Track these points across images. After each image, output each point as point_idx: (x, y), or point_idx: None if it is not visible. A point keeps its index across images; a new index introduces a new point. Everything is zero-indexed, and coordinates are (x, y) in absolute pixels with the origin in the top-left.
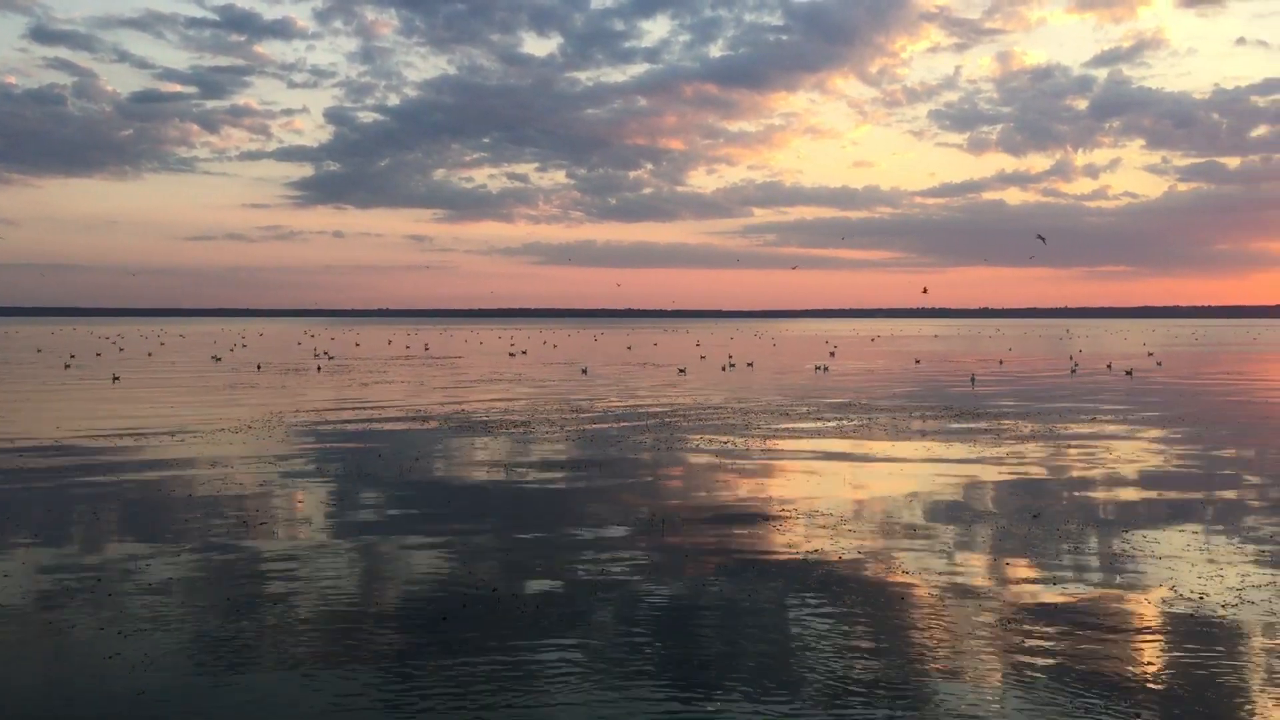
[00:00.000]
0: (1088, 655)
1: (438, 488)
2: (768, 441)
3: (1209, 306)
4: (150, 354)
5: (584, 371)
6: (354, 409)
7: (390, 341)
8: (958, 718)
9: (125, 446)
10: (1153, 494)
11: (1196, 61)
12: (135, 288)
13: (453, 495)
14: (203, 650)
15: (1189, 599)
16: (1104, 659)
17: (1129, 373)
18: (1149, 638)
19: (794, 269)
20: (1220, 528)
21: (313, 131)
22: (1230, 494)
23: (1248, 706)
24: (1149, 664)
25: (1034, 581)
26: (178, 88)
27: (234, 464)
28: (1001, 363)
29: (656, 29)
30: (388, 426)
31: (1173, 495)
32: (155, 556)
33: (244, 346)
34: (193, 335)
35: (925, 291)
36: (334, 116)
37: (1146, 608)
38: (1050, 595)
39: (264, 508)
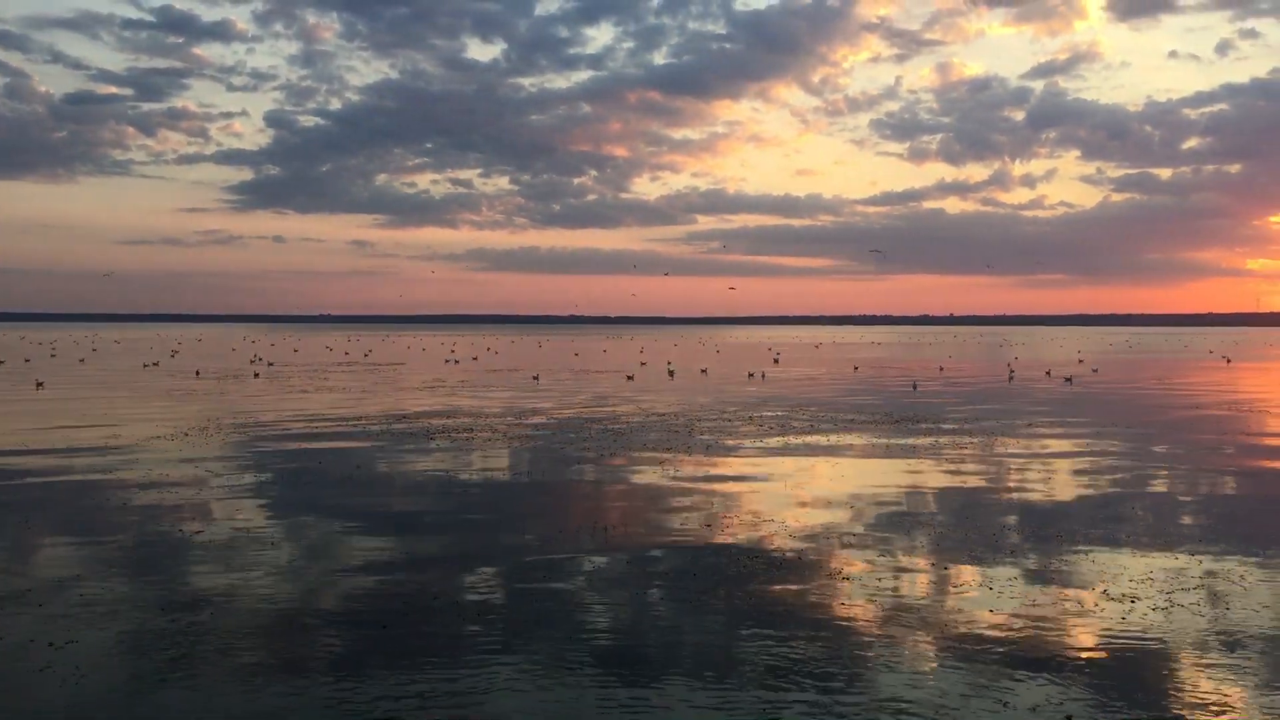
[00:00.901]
0: (1023, 656)
1: (378, 496)
2: (709, 448)
3: (1141, 315)
4: (82, 360)
5: (535, 379)
6: (293, 417)
7: (329, 348)
8: (895, 715)
9: (53, 454)
10: (1088, 498)
11: (1130, 74)
12: (69, 293)
13: (393, 504)
14: (137, 663)
15: (1121, 601)
16: (1039, 660)
17: (1069, 380)
18: (1082, 639)
19: (666, 275)
20: (1152, 532)
21: (252, 135)
22: (1162, 499)
23: (1176, 705)
24: (1081, 662)
25: (971, 584)
26: (113, 89)
27: (169, 473)
28: (941, 369)
29: (601, 36)
30: (327, 434)
31: (1107, 500)
32: (88, 567)
33: (176, 354)
34: (128, 341)
35: (732, 289)
36: (274, 120)
37: (1079, 608)
38: (987, 597)
39: (200, 517)
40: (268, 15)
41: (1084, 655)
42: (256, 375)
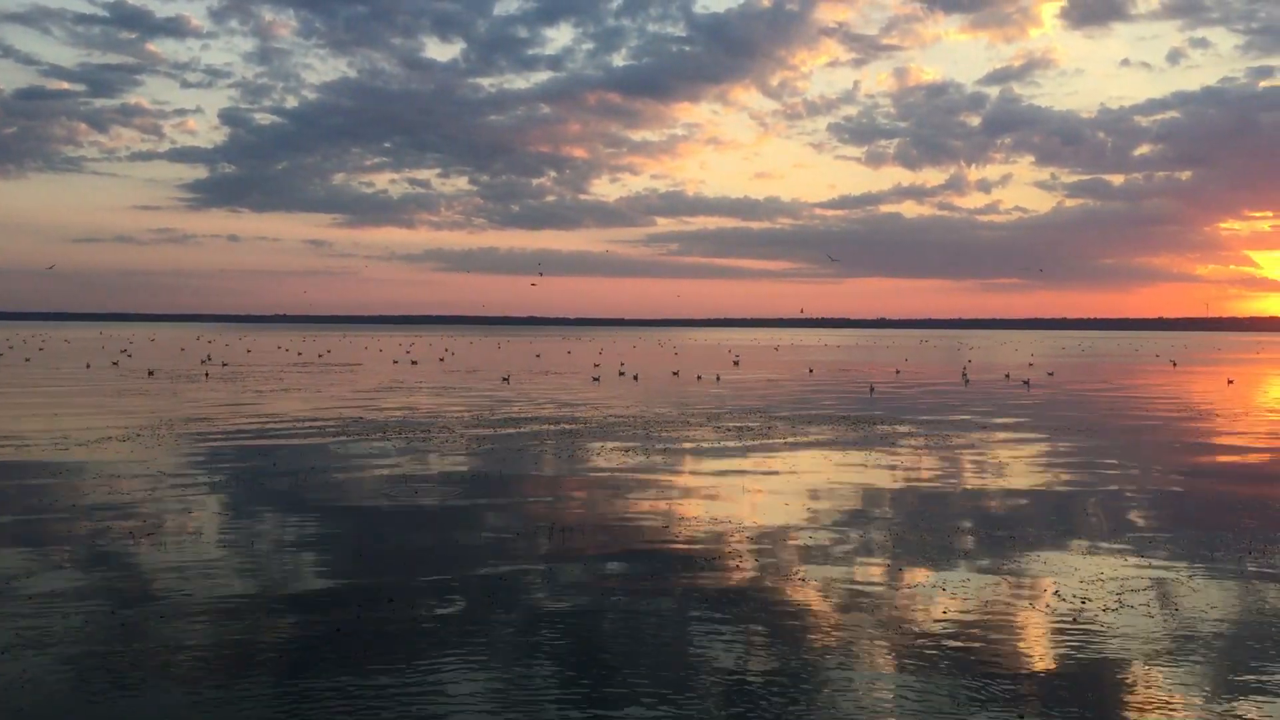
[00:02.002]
0: (976, 657)
1: (333, 498)
2: (668, 451)
3: (1094, 319)
4: (28, 359)
5: (505, 379)
6: (248, 417)
7: (285, 349)
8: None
9: None
10: (1040, 501)
11: (1083, 81)
12: (18, 291)
13: (349, 505)
14: (86, 667)
15: (1072, 602)
16: (991, 660)
17: (1026, 383)
18: (1034, 640)
19: (537, 277)
20: (1103, 533)
21: (207, 133)
22: (1113, 501)
23: (1126, 704)
24: (1034, 665)
25: (925, 586)
26: (65, 85)
27: (119, 474)
28: (898, 372)
29: (560, 37)
30: (282, 435)
31: (1059, 502)
32: (36, 570)
33: (128, 354)
34: (79, 340)
35: (534, 284)
36: (229, 118)
37: (1032, 611)
38: (940, 599)
39: (152, 519)
40: (223, 11)
41: (1036, 656)
42: (207, 375)
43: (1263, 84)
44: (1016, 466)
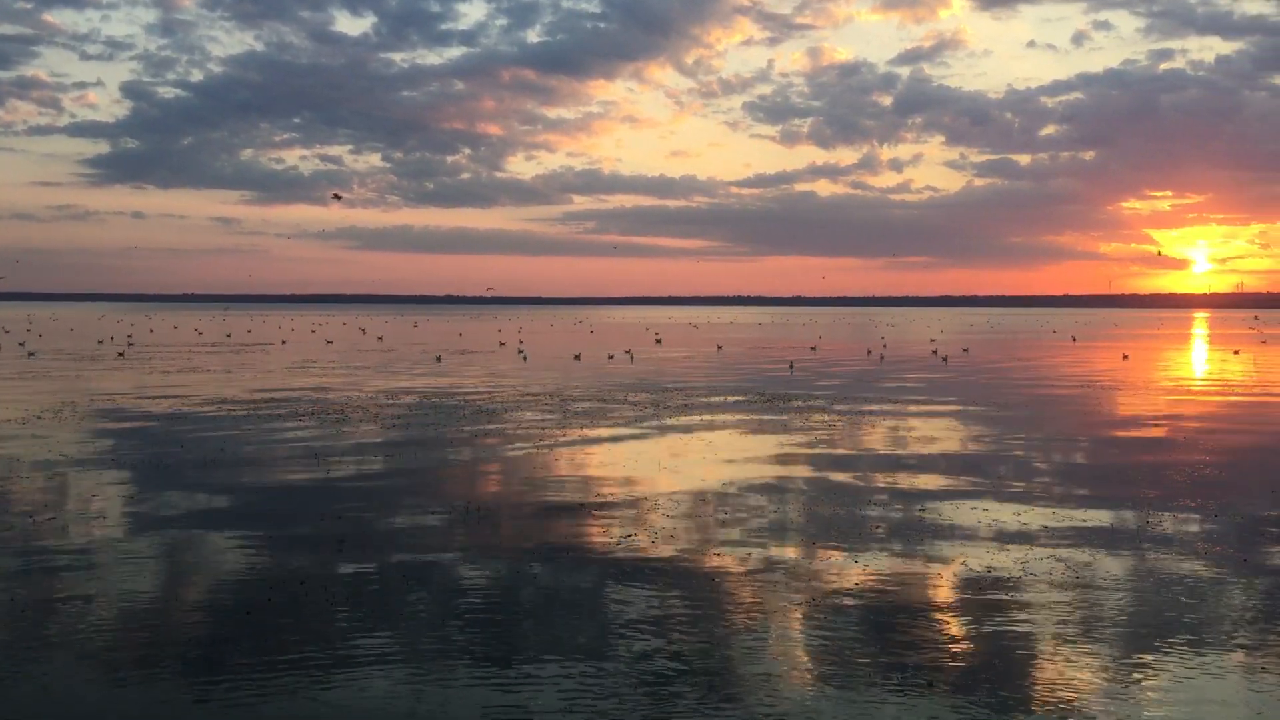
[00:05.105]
0: (886, 627)
1: (243, 479)
2: (584, 430)
3: (1003, 296)
4: None
5: (438, 360)
6: (155, 398)
7: (176, 327)
8: (766, 691)
9: None
10: (949, 473)
11: (991, 62)
12: None
13: (259, 487)
14: None
15: (978, 571)
16: (901, 630)
17: (945, 359)
18: (942, 608)
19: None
20: (1009, 504)
21: (109, 106)
22: (1018, 473)
23: (1031, 671)
24: (943, 634)
25: (837, 559)
26: None
27: (19, 458)
28: (814, 349)
29: (473, 12)
30: (190, 416)
31: (966, 475)
32: None
33: (19, 332)
34: None
35: (252, 319)
36: (132, 91)
37: (940, 580)
38: (852, 571)
39: (55, 504)
40: None
41: (944, 626)
42: (122, 354)
43: (1163, 66)
44: (927, 440)
